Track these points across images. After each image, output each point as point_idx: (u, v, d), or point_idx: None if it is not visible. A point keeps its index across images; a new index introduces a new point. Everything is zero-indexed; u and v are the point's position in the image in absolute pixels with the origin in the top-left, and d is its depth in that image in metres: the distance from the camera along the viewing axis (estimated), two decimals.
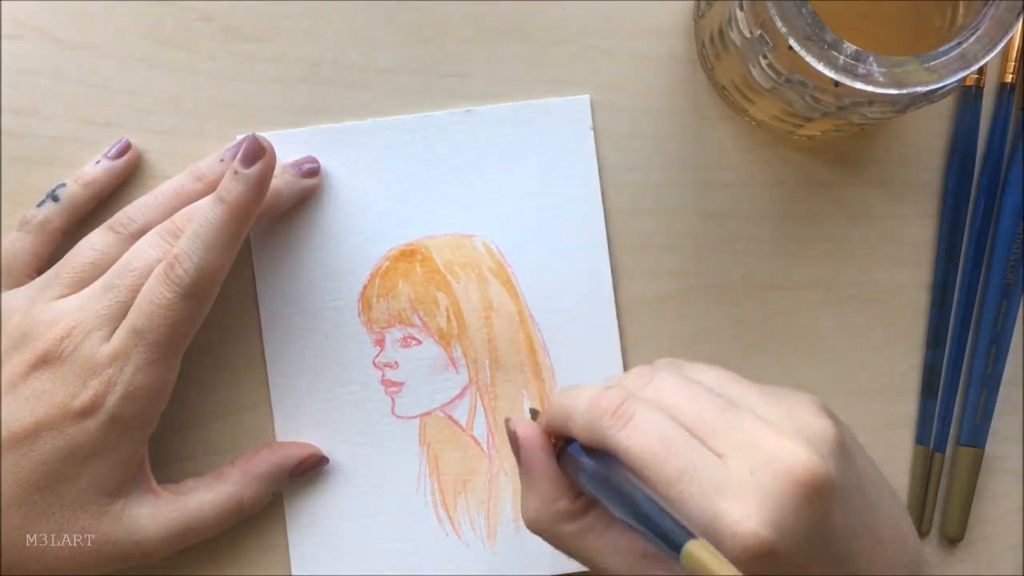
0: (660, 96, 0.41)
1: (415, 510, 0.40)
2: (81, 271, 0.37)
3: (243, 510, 0.38)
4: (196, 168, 0.39)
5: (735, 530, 0.27)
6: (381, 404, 0.40)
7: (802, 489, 0.28)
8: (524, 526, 0.39)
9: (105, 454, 0.35)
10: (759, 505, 0.28)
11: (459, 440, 0.40)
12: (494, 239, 0.41)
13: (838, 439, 0.30)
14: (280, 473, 0.39)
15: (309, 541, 0.40)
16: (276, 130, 0.40)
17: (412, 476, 0.40)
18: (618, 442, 0.29)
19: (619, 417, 0.30)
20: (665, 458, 0.29)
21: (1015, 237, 0.40)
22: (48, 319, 0.35)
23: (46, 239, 0.39)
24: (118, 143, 0.40)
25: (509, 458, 0.40)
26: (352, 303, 0.40)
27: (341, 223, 0.40)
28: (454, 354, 0.40)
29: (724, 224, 0.41)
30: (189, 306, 0.35)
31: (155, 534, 0.36)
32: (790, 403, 0.30)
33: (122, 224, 0.38)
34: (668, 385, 0.31)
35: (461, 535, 0.40)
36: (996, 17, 0.32)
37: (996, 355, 0.41)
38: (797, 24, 0.32)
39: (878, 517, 0.31)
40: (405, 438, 0.40)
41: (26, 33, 0.40)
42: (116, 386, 0.35)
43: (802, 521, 0.28)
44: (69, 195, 0.39)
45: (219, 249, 0.35)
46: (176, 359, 0.36)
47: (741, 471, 0.28)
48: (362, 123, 0.40)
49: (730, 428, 0.29)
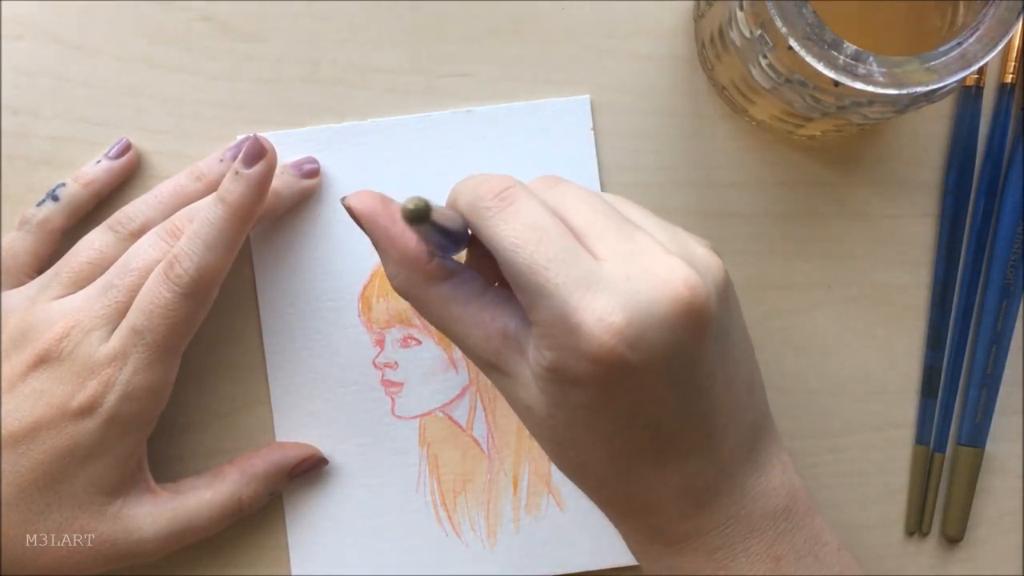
0: (660, 96, 0.41)
1: (415, 510, 0.40)
2: (80, 271, 0.37)
3: (242, 509, 0.38)
4: (195, 168, 0.39)
5: (594, 326, 0.26)
6: (381, 404, 0.40)
7: (677, 305, 0.27)
8: (525, 526, 0.39)
9: (103, 454, 0.35)
10: (626, 308, 0.26)
11: (459, 440, 0.40)
12: None
13: (725, 279, 0.29)
14: (279, 473, 0.39)
15: (309, 541, 0.40)
16: (276, 130, 0.40)
17: (412, 476, 0.40)
18: (493, 225, 0.28)
19: (501, 199, 0.29)
20: (535, 246, 0.27)
21: (1015, 237, 0.40)
22: (47, 319, 0.35)
23: (46, 239, 0.39)
24: (118, 143, 0.40)
25: (509, 458, 0.40)
26: (352, 303, 0.40)
27: (342, 223, 0.40)
28: (454, 354, 0.40)
29: (724, 224, 0.41)
30: (188, 306, 0.35)
31: (154, 534, 0.36)
32: (686, 237, 0.30)
33: (121, 224, 0.38)
34: (570, 192, 0.30)
35: (461, 535, 0.40)
36: (996, 17, 0.32)
37: (996, 355, 0.41)
38: (797, 24, 0.32)
39: (738, 372, 0.30)
40: (405, 438, 0.40)
41: (26, 33, 0.40)
42: (115, 386, 0.35)
43: (666, 339, 0.27)
44: (69, 195, 0.39)
45: (219, 249, 0.35)
46: (175, 359, 0.36)
47: (616, 274, 0.27)
48: (362, 123, 0.40)
49: (618, 239, 0.28)
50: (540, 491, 0.40)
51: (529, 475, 0.40)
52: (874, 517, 0.41)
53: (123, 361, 0.35)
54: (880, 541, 0.41)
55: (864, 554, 0.41)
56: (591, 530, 0.40)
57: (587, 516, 0.40)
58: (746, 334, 0.32)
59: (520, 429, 0.40)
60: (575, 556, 0.40)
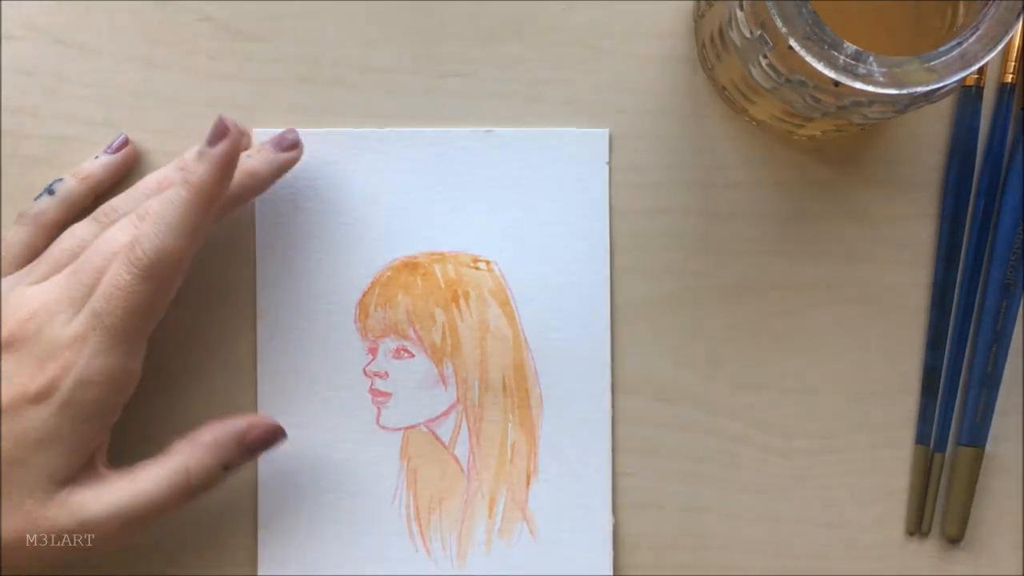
0: (660, 96, 0.41)
1: (387, 522, 0.40)
2: (59, 259, 0.37)
3: (190, 482, 0.36)
4: (180, 160, 0.39)
5: None
6: (367, 413, 0.40)
7: None
8: (496, 550, 0.40)
9: (57, 441, 0.34)
10: None
11: (440, 457, 0.40)
12: (498, 261, 0.40)
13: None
14: (230, 442, 0.37)
15: (278, 543, 0.40)
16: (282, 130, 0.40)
17: (389, 488, 0.40)
18: None
19: None
20: None
21: (1015, 237, 0.40)
22: (18, 303, 0.35)
23: (40, 231, 0.39)
24: (117, 138, 0.40)
25: (488, 481, 0.40)
26: (350, 308, 0.40)
27: (348, 227, 0.40)
28: (445, 371, 0.40)
29: (724, 224, 0.41)
30: (147, 289, 0.34)
31: (102, 512, 0.35)
32: None
33: (106, 215, 0.38)
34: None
35: (431, 552, 0.40)
36: (996, 17, 0.32)
37: (996, 355, 0.41)
38: (797, 24, 0.32)
39: None
40: (386, 449, 0.40)
41: (26, 33, 0.40)
42: (72, 370, 0.34)
43: None
44: (65, 189, 0.39)
45: (180, 231, 0.34)
46: (136, 346, 0.35)
47: None
48: (380, 131, 0.40)
49: None
50: (515, 516, 0.40)
51: (506, 500, 0.40)
52: (874, 517, 0.41)
53: (82, 345, 0.34)
54: (880, 541, 0.41)
55: (864, 554, 0.41)
56: (563, 560, 0.40)
57: (559, 547, 0.40)
58: None
59: (502, 452, 0.40)
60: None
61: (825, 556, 0.41)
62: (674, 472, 0.41)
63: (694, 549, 0.41)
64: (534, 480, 0.40)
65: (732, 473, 0.41)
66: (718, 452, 0.41)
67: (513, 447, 0.40)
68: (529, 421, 0.40)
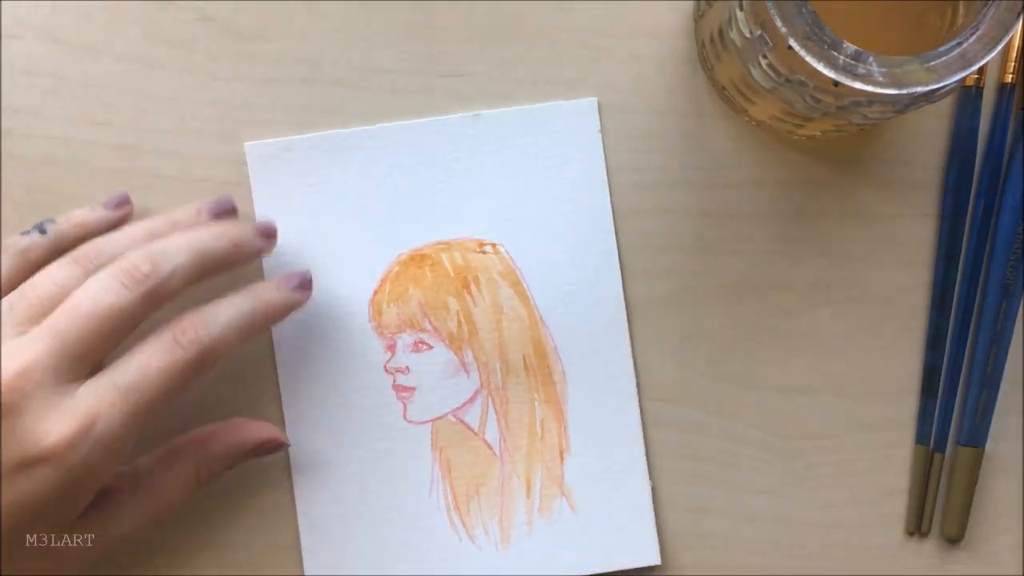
0: (660, 96, 0.41)
1: (428, 515, 0.40)
2: (39, 306, 0.34)
3: (200, 486, 0.38)
4: (172, 215, 0.38)
5: None
6: (393, 409, 0.40)
7: None
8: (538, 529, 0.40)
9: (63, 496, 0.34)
10: None
11: (471, 444, 0.40)
12: (504, 243, 0.41)
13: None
14: (237, 454, 0.38)
15: (321, 544, 0.40)
16: (281, 136, 0.40)
17: (425, 481, 0.40)
18: None
19: None
20: None
21: (1015, 237, 0.40)
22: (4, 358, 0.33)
23: (23, 266, 0.37)
24: (118, 195, 0.39)
25: (522, 461, 0.40)
26: (363, 309, 0.40)
27: (350, 229, 0.40)
28: (465, 358, 0.40)
29: (724, 224, 0.41)
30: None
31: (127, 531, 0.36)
32: None
33: (89, 258, 0.36)
34: None
35: (475, 539, 0.40)
36: (996, 17, 0.32)
37: (996, 355, 0.41)
38: (797, 24, 0.32)
39: None
40: (417, 442, 0.40)
41: (26, 33, 0.40)
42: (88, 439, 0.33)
43: None
44: (57, 231, 0.38)
45: (239, 335, 0.36)
46: None
47: None
48: (369, 128, 0.40)
49: None
50: (553, 493, 0.40)
51: (542, 477, 0.40)
52: (874, 517, 0.41)
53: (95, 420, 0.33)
54: (880, 541, 0.41)
55: (864, 554, 0.41)
56: (604, 532, 0.40)
57: (600, 518, 0.40)
58: None
59: (532, 431, 0.40)
60: (589, 558, 0.40)
61: (825, 556, 0.41)
62: (674, 472, 0.41)
63: (694, 549, 0.41)
64: (567, 455, 0.40)
65: (732, 473, 0.41)
66: (718, 452, 0.41)
67: (543, 424, 0.40)
68: (555, 397, 0.40)
